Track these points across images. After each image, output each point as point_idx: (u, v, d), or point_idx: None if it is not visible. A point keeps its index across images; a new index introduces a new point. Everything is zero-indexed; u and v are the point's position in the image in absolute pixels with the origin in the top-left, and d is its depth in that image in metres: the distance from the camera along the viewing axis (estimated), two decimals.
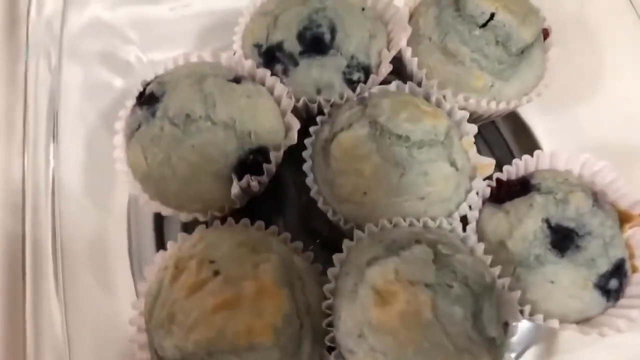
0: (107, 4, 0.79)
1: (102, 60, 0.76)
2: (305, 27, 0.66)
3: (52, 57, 0.67)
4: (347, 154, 0.61)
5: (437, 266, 0.53)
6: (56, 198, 0.62)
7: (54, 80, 0.66)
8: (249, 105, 0.62)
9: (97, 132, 0.71)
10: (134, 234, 0.70)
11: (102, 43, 0.78)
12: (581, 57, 0.82)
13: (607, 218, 0.61)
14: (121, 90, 0.78)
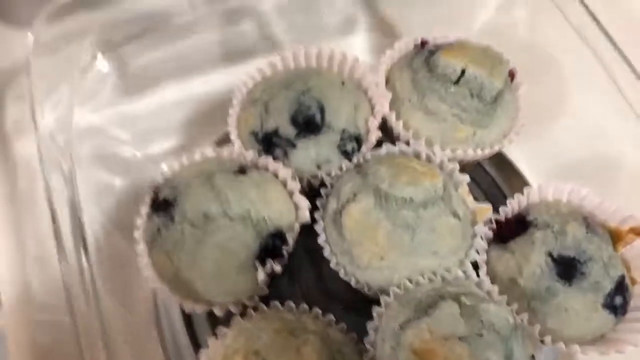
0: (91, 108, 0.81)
1: (98, 162, 0.79)
2: (296, 111, 0.71)
3: (64, 167, 0.70)
4: (358, 225, 0.66)
5: (465, 318, 0.58)
6: (96, 302, 0.64)
7: (69, 190, 0.69)
8: (259, 194, 0.66)
9: (113, 236, 0.74)
10: (166, 332, 0.72)
11: (94, 145, 0.80)
12: (541, 86, 0.88)
13: (602, 241, 0.66)
14: (124, 188, 0.80)
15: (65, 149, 0.71)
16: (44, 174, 0.68)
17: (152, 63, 0.85)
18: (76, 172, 0.70)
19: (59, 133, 0.72)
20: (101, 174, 0.78)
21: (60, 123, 0.73)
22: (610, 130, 0.83)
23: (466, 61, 0.72)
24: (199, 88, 0.90)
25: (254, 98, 0.75)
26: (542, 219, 0.68)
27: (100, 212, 0.74)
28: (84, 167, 0.77)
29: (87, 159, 0.77)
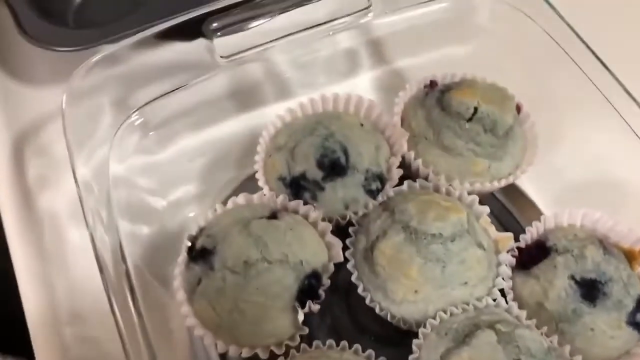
0: (117, 159, 0.84)
1: (126, 211, 0.80)
2: (322, 155, 0.74)
3: (103, 216, 0.72)
4: (391, 261, 0.69)
5: (502, 345, 0.61)
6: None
7: (112, 240, 0.71)
8: (295, 237, 0.69)
9: (150, 285, 0.75)
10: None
11: (120, 195, 0.82)
12: (541, 117, 0.93)
13: (619, 261, 0.71)
14: (153, 236, 0.82)
15: (104, 199, 0.73)
16: (88, 223, 0.70)
17: (172, 115, 0.88)
18: (117, 221, 0.72)
19: (95, 184, 0.74)
20: (129, 222, 0.80)
21: (96, 174, 0.75)
22: (613, 155, 0.88)
23: (478, 99, 0.77)
24: (215, 136, 0.93)
25: (278, 144, 0.78)
26: (562, 244, 0.72)
27: (133, 261, 0.76)
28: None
29: (116, 208, 0.79)
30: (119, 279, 0.70)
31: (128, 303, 0.68)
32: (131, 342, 0.65)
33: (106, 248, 0.72)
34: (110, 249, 0.72)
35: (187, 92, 0.87)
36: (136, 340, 0.65)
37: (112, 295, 0.67)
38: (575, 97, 0.91)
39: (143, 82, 0.84)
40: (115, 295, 0.68)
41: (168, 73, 0.84)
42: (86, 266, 0.85)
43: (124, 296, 0.69)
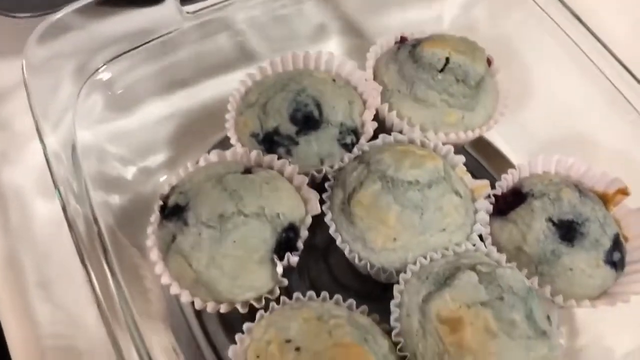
0: (83, 126, 0.81)
1: (97, 179, 0.78)
2: (295, 109, 0.73)
3: (75, 188, 0.69)
4: (369, 210, 0.68)
5: (484, 285, 0.61)
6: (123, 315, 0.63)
7: (84, 210, 0.68)
8: (270, 190, 0.68)
9: (126, 248, 0.73)
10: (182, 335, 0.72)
11: (91, 163, 0.79)
12: (510, 73, 0.94)
13: (595, 203, 0.71)
14: (126, 203, 0.80)
15: (74, 168, 0.71)
16: (60, 194, 0.67)
17: (137, 80, 0.86)
18: (89, 189, 0.70)
19: (63, 153, 0.72)
20: (101, 190, 0.77)
21: (64, 144, 0.72)
22: (581, 108, 0.88)
23: (449, 50, 0.77)
24: (183, 102, 0.90)
25: (249, 102, 0.77)
26: (538, 189, 0.72)
27: (108, 226, 0.73)
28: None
29: (87, 177, 0.77)
30: (92, 242, 0.68)
31: (102, 264, 0.66)
32: (106, 301, 0.63)
33: (79, 217, 0.69)
34: (83, 218, 0.69)
35: (153, 56, 0.85)
36: (111, 299, 0.63)
37: (86, 257, 0.65)
38: (546, 53, 0.92)
39: (106, 46, 0.81)
40: (88, 257, 0.65)
41: (133, 37, 0.82)
42: (54, 239, 0.84)
43: (98, 258, 0.66)
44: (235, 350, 0.64)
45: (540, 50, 0.91)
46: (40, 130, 0.72)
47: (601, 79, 0.82)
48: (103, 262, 0.65)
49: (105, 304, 0.62)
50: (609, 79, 0.81)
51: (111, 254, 0.67)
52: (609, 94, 0.83)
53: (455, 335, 0.59)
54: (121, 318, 0.63)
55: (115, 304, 0.63)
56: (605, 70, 0.81)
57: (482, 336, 0.58)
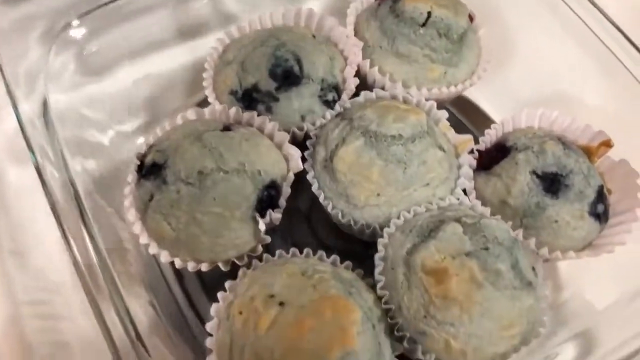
0: (56, 90, 0.78)
1: (73, 144, 0.76)
2: (274, 65, 0.71)
3: (50, 153, 0.67)
4: (351, 166, 0.67)
5: (469, 235, 0.60)
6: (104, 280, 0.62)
7: (61, 175, 0.66)
8: (250, 146, 0.66)
9: (102, 212, 0.71)
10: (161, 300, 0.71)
11: (65, 128, 0.77)
12: (492, 32, 0.92)
13: (578, 155, 0.71)
14: (103, 167, 0.78)
15: (49, 134, 0.69)
16: (35, 158, 0.65)
17: (110, 43, 0.83)
18: (66, 156, 0.68)
19: (38, 120, 0.69)
20: (78, 155, 0.75)
21: (37, 109, 0.70)
22: (564, 67, 0.88)
23: (431, 4, 0.75)
24: (158, 65, 0.88)
25: (227, 59, 0.75)
26: (521, 142, 0.72)
27: (86, 190, 0.71)
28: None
29: (63, 141, 0.74)
30: (69, 205, 0.66)
31: (79, 226, 0.64)
32: (84, 263, 0.61)
33: (55, 181, 0.67)
34: (60, 182, 0.67)
35: (126, 17, 0.82)
36: (89, 262, 0.62)
37: (63, 220, 0.64)
38: (528, 10, 0.91)
39: (75, 5, 0.78)
40: (65, 220, 0.64)
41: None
42: (28, 206, 0.82)
43: (75, 221, 0.65)
44: (218, 308, 0.62)
45: (523, 7, 0.90)
46: (13, 96, 0.70)
47: (587, 35, 0.82)
48: (80, 225, 0.63)
49: (84, 267, 0.61)
50: (597, 35, 0.80)
51: (89, 216, 0.65)
52: (595, 52, 0.82)
53: (441, 287, 0.58)
54: (100, 280, 0.61)
55: (94, 266, 0.61)
56: (592, 26, 0.80)
57: (467, 286, 0.57)
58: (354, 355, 0.55)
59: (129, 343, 0.57)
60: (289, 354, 0.54)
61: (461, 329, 0.58)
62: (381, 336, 0.59)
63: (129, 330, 0.57)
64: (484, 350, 0.59)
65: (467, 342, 0.58)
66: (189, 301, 0.73)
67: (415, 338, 0.60)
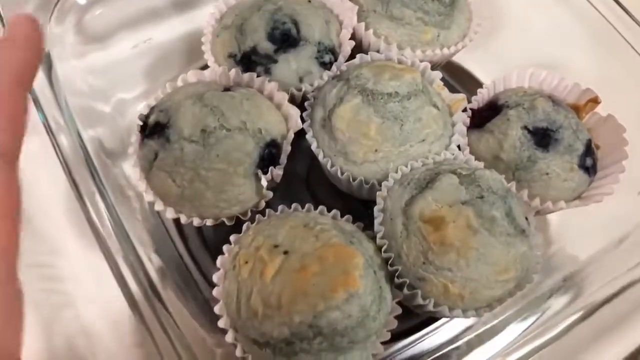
0: (60, 57, 0.79)
1: (76, 113, 0.77)
2: (272, 28, 0.73)
3: (59, 118, 0.69)
4: (350, 124, 0.69)
5: (464, 185, 0.63)
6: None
7: (71, 136, 0.68)
8: (251, 105, 0.68)
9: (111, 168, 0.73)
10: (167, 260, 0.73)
11: (71, 97, 0.78)
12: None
13: (567, 111, 0.73)
14: (106, 133, 0.80)
15: (59, 101, 0.70)
16: (50, 129, 0.67)
17: (109, 11, 0.85)
18: (75, 120, 0.69)
19: (44, 85, 0.71)
20: (80, 122, 0.76)
21: (42, 76, 0.72)
22: (553, 31, 0.90)
23: None
24: (158, 33, 0.90)
25: (226, 24, 0.76)
26: (513, 100, 0.74)
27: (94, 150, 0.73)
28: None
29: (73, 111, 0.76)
30: (79, 163, 0.67)
31: (90, 185, 0.66)
32: (98, 217, 0.63)
33: (66, 139, 0.69)
34: (71, 146, 0.69)
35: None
36: (101, 217, 0.63)
37: (75, 176, 0.65)
38: None
39: None
40: (78, 175, 0.65)
41: None
42: (31, 173, 0.83)
43: (85, 179, 0.66)
44: (224, 259, 0.64)
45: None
46: None
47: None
48: (91, 184, 0.65)
49: (99, 224, 0.62)
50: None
51: (100, 175, 0.67)
52: (583, 14, 0.85)
53: (438, 233, 0.60)
54: (111, 233, 0.63)
55: (105, 221, 0.63)
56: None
57: (463, 232, 0.60)
58: (358, 297, 0.57)
59: (142, 295, 0.59)
60: (295, 298, 0.56)
61: (458, 274, 0.60)
62: (382, 281, 0.61)
63: (142, 280, 0.59)
64: (480, 294, 0.61)
65: (464, 286, 0.61)
66: (193, 260, 0.75)
67: (415, 284, 0.62)
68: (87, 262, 0.75)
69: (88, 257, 0.75)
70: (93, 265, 0.71)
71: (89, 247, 0.67)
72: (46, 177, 0.80)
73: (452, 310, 0.63)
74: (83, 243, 0.77)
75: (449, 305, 0.62)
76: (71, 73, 0.78)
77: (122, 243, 0.62)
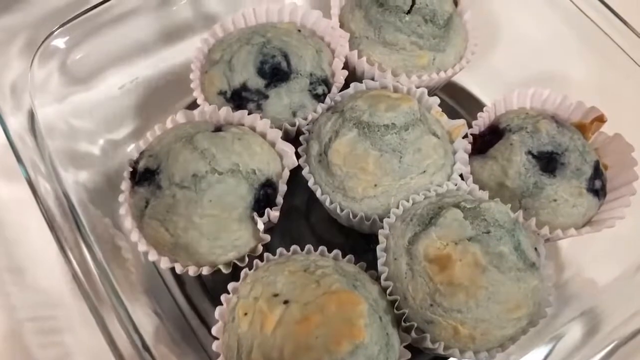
0: (43, 101, 0.77)
1: (63, 155, 0.74)
2: (262, 62, 0.71)
3: (41, 167, 0.66)
4: (347, 159, 0.66)
5: (469, 220, 0.60)
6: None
7: (53, 187, 0.65)
8: (243, 146, 0.65)
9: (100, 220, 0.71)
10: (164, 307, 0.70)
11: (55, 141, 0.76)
12: (478, 12, 0.92)
13: (573, 132, 0.70)
14: (96, 177, 0.77)
15: (39, 147, 0.68)
16: (27, 173, 0.64)
17: (93, 51, 0.82)
18: (58, 168, 0.67)
19: (25, 132, 0.68)
20: (69, 166, 0.74)
21: (24, 122, 0.69)
22: (550, 45, 0.87)
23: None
24: (143, 70, 0.87)
25: (214, 59, 0.74)
26: (515, 124, 0.71)
27: (80, 200, 0.70)
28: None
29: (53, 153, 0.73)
30: (64, 217, 0.65)
31: (76, 237, 0.63)
32: (84, 274, 0.61)
33: (48, 194, 0.66)
34: (53, 194, 0.67)
35: (108, 23, 0.81)
36: (89, 272, 0.61)
37: (59, 232, 0.63)
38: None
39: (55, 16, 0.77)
40: (61, 232, 0.63)
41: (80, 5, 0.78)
42: (21, 222, 0.81)
43: (72, 233, 0.64)
44: (222, 311, 0.62)
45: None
46: (0, 112, 0.69)
47: (570, 10, 0.82)
48: (77, 236, 0.62)
49: (84, 278, 0.60)
50: (580, 8, 0.80)
51: (85, 226, 0.65)
52: (579, 26, 0.82)
53: (445, 273, 0.58)
54: (101, 291, 0.61)
55: (94, 277, 0.60)
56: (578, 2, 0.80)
57: (471, 271, 0.57)
58: (364, 348, 0.55)
59: (135, 354, 0.56)
60: (298, 352, 0.54)
61: (468, 315, 0.57)
62: (389, 327, 0.59)
63: (135, 340, 0.56)
64: (492, 334, 0.59)
65: (475, 327, 0.58)
66: (191, 307, 0.72)
67: (423, 327, 0.60)
68: (83, 312, 0.73)
69: (84, 307, 0.73)
70: (89, 316, 0.69)
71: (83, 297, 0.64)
72: (36, 226, 0.78)
73: (463, 352, 0.60)
74: (78, 292, 0.75)
75: (459, 348, 0.60)
76: (55, 117, 0.75)
77: (111, 299, 0.59)
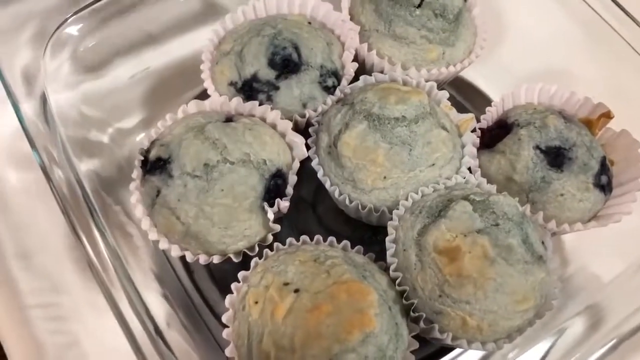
0: (55, 89, 0.77)
1: (73, 143, 0.75)
2: (272, 53, 0.71)
3: (54, 154, 0.67)
4: (356, 151, 0.67)
5: (478, 213, 0.61)
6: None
7: (66, 173, 0.66)
8: (254, 136, 0.66)
9: (110, 211, 0.71)
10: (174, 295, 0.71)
11: (66, 127, 0.76)
12: (487, 7, 0.92)
13: (580, 128, 0.71)
14: (106, 165, 0.78)
15: (51, 133, 0.68)
16: (41, 159, 0.65)
17: (104, 40, 0.82)
18: (70, 155, 0.67)
19: (38, 119, 0.69)
20: (79, 154, 0.74)
21: (37, 109, 0.70)
22: (558, 40, 0.88)
23: None
24: (154, 59, 0.87)
25: (224, 50, 0.74)
26: (523, 118, 0.72)
27: (92, 188, 0.71)
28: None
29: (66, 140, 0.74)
30: (78, 204, 0.65)
31: (90, 225, 0.64)
32: (98, 259, 0.61)
33: (62, 181, 0.67)
34: (66, 181, 0.67)
35: (118, 13, 0.81)
36: (102, 259, 0.61)
37: (74, 219, 0.63)
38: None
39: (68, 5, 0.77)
40: (76, 218, 0.63)
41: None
42: (30, 209, 0.81)
43: (85, 220, 0.64)
44: (232, 299, 0.62)
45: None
46: (14, 97, 0.69)
47: (577, 5, 0.82)
48: (90, 222, 0.63)
49: (98, 262, 0.60)
50: (591, 6, 0.80)
51: (98, 213, 0.65)
52: (587, 21, 0.82)
53: (454, 265, 0.58)
54: (114, 277, 0.61)
55: (107, 263, 0.61)
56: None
57: (480, 263, 0.58)
58: (374, 337, 0.55)
59: (147, 338, 0.57)
60: (309, 340, 0.54)
61: (476, 306, 0.58)
62: (398, 317, 0.59)
63: (148, 325, 0.57)
64: (499, 325, 0.59)
65: (482, 318, 0.59)
66: (200, 295, 0.73)
67: (432, 318, 0.60)
68: (90, 299, 0.74)
69: (91, 294, 0.73)
70: (96, 302, 0.70)
71: (91, 283, 0.64)
72: (45, 212, 0.78)
73: (470, 343, 0.61)
74: (85, 278, 0.76)
75: (467, 338, 0.60)
76: (66, 104, 0.75)
77: (123, 284, 0.60)
